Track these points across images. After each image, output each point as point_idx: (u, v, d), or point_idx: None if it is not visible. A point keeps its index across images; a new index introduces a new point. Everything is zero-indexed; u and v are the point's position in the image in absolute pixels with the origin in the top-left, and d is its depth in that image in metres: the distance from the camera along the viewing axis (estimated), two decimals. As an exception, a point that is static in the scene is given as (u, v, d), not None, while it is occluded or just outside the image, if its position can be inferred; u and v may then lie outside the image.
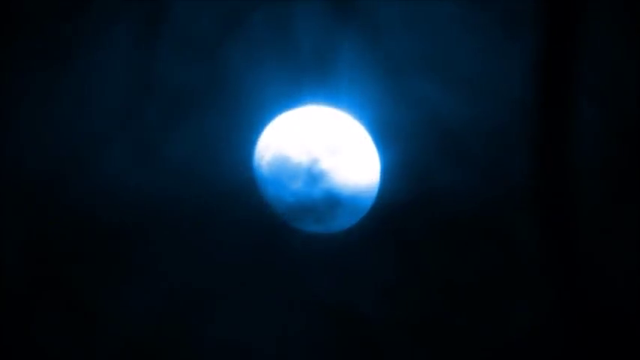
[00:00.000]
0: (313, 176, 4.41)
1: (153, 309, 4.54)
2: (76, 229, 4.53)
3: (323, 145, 4.43)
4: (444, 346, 4.57)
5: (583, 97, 4.55)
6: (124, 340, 4.54)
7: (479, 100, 4.56)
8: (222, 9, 4.57)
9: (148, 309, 4.54)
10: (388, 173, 4.53)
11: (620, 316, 4.50)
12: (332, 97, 4.51)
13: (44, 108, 4.57)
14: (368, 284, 4.59)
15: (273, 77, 4.53)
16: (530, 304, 4.55)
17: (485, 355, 4.55)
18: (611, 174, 4.56)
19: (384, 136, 4.52)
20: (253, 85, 4.54)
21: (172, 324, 4.55)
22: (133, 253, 4.54)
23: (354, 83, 4.52)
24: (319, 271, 4.57)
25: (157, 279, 4.54)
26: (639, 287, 4.51)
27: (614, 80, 4.53)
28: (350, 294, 4.59)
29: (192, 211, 4.54)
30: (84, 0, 4.57)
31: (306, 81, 4.52)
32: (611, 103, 4.55)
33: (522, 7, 4.55)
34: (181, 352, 4.56)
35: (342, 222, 4.50)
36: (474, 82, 4.56)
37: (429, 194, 4.56)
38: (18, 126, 4.56)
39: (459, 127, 4.55)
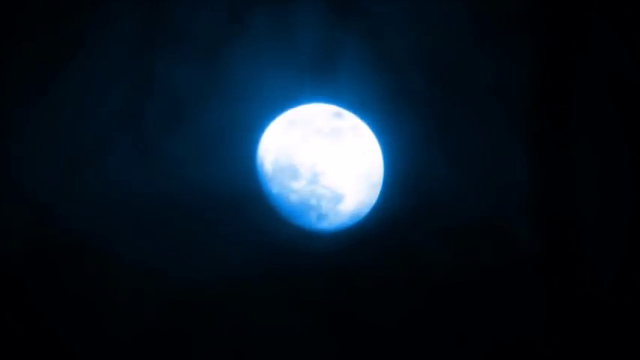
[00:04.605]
0: (315, 174, 4.41)
1: (153, 308, 4.52)
2: (76, 229, 4.52)
3: (325, 144, 4.43)
4: (444, 346, 4.57)
5: (583, 97, 4.58)
6: (124, 338, 4.52)
7: (479, 99, 4.58)
8: (222, 9, 4.58)
9: (147, 307, 4.52)
10: (390, 171, 4.54)
11: (619, 316, 4.52)
12: (333, 96, 4.53)
13: (44, 108, 4.56)
14: (368, 284, 4.59)
15: (273, 76, 4.54)
16: (530, 304, 4.56)
17: (485, 355, 4.56)
18: (610, 174, 4.58)
19: (385, 134, 4.54)
20: (254, 85, 4.55)
21: (172, 323, 4.54)
22: (134, 253, 4.53)
23: (355, 82, 4.53)
24: (320, 270, 4.57)
25: (157, 278, 4.52)
26: (638, 286, 4.53)
27: (615, 80, 4.56)
28: (350, 294, 4.59)
29: (194, 211, 4.53)
30: (84, 1, 4.57)
31: (307, 80, 4.53)
32: (611, 104, 4.57)
33: (522, 7, 4.58)
34: (181, 351, 4.55)
35: (345, 220, 4.50)
36: (474, 82, 4.58)
37: (429, 193, 4.57)
38: (18, 126, 4.55)
39: (459, 125, 4.57)
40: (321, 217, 4.47)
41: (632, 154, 4.56)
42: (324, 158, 4.42)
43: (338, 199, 4.45)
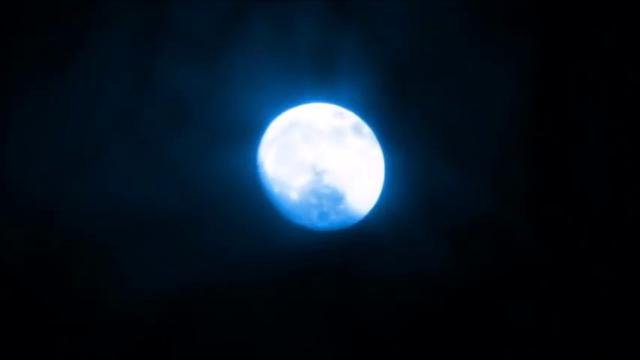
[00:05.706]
0: (316, 174, 4.41)
1: (153, 309, 4.51)
2: (77, 229, 4.51)
3: (325, 143, 4.43)
4: (444, 345, 4.57)
5: (582, 98, 4.58)
6: (125, 339, 4.51)
7: (479, 100, 4.59)
8: (222, 9, 4.58)
9: (148, 308, 4.51)
10: (390, 171, 4.54)
11: (619, 315, 4.52)
12: (333, 96, 4.53)
13: (44, 109, 4.55)
14: (368, 284, 4.59)
15: (273, 76, 4.54)
16: (530, 304, 4.56)
17: (485, 355, 4.55)
18: (609, 174, 4.58)
19: (386, 133, 4.54)
20: (254, 85, 4.55)
21: (172, 324, 4.53)
22: (134, 253, 4.52)
23: (355, 81, 4.54)
24: (320, 270, 4.56)
25: (158, 278, 4.52)
26: (638, 286, 4.53)
27: (615, 81, 4.57)
28: (350, 294, 4.58)
29: (195, 211, 4.53)
30: (84, 1, 4.57)
31: (307, 80, 4.53)
32: (611, 104, 4.58)
33: (522, 7, 4.58)
34: (181, 351, 4.54)
35: (345, 219, 4.50)
36: (474, 82, 4.58)
37: (430, 193, 4.57)
38: (18, 127, 4.54)
39: (459, 125, 4.58)
40: (321, 216, 4.47)
41: (632, 154, 4.57)
42: (325, 157, 4.42)
43: (339, 198, 4.45)
